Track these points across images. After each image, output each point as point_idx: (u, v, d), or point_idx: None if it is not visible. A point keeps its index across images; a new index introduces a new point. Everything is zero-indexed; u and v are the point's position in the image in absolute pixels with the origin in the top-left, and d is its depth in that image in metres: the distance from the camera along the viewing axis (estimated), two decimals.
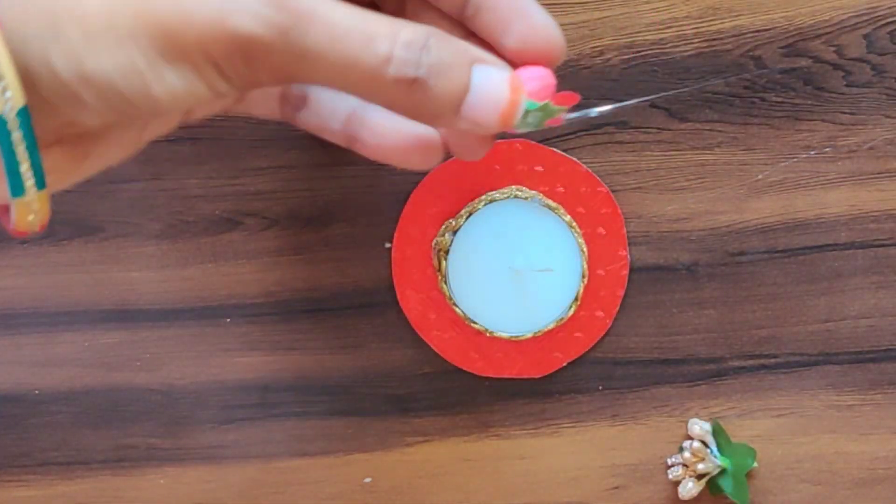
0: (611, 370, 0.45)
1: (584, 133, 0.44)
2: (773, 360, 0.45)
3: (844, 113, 0.44)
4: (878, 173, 0.44)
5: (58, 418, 0.45)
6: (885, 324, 0.44)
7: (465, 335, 0.43)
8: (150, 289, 0.45)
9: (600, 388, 0.45)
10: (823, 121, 0.44)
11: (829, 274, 0.44)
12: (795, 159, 0.44)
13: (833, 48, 0.43)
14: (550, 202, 0.41)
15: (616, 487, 0.45)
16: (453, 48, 0.26)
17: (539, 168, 0.43)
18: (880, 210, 0.44)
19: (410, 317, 0.44)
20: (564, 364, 0.44)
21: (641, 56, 0.43)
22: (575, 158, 0.43)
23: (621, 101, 0.43)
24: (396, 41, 0.24)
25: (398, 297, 0.44)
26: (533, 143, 0.43)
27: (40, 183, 0.24)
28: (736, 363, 0.45)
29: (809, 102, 0.44)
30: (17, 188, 0.24)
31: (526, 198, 0.41)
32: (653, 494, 0.45)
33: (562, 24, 0.43)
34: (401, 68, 0.25)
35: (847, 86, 0.43)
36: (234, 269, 0.45)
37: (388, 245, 0.44)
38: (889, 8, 0.43)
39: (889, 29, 0.43)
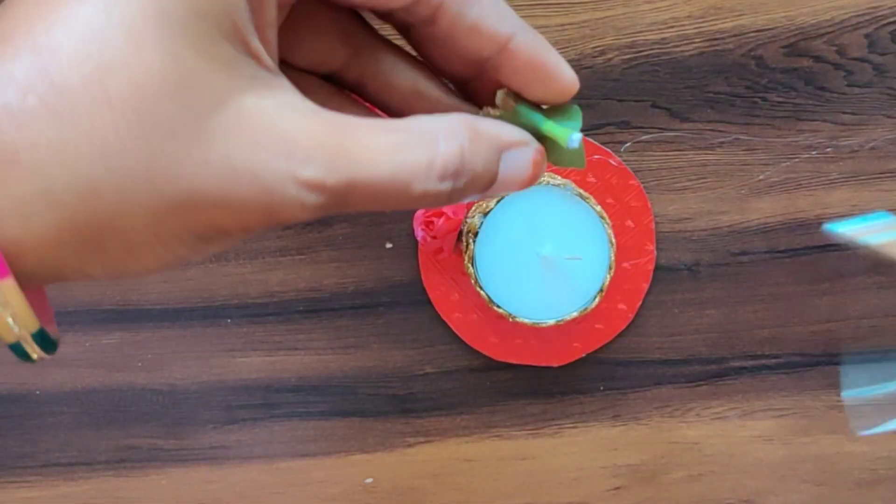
0: (612, 370, 0.45)
1: (585, 133, 0.44)
2: (774, 361, 0.44)
3: (846, 113, 0.44)
4: (880, 173, 0.44)
5: (60, 419, 0.45)
6: (887, 324, 0.44)
7: (487, 318, 0.43)
8: (153, 289, 0.45)
9: (602, 388, 0.45)
10: (825, 121, 0.44)
11: (831, 274, 0.44)
12: (797, 159, 0.44)
13: (834, 48, 0.43)
14: (582, 191, 0.41)
15: (617, 488, 0.45)
16: (485, 152, 0.26)
17: None
18: (882, 210, 0.44)
19: (433, 296, 0.44)
20: (583, 355, 0.44)
21: (643, 56, 0.43)
22: (610, 150, 0.43)
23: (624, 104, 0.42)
24: (431, 174, 0.25)
25: (422, 277, 0.44)
26: None
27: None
28: (737, 363, 0.45)
29: (811, 102, 0.44)
30: (26, 358, 0.24)
31: (558, 185, 0.41)
32: (654, 495, 0.45)
33: (563, 24, 0.43)
34: (434, 200, 0.26)
35: (848, 86, 0.43)
36: (236, 270, 0.45)
37: (389, 245, 0.44)
38: (890, 8, 0.43)
39: (890, 29, 0.43)
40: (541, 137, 0.27)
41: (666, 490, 0.45)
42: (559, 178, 0.42)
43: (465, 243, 0.42)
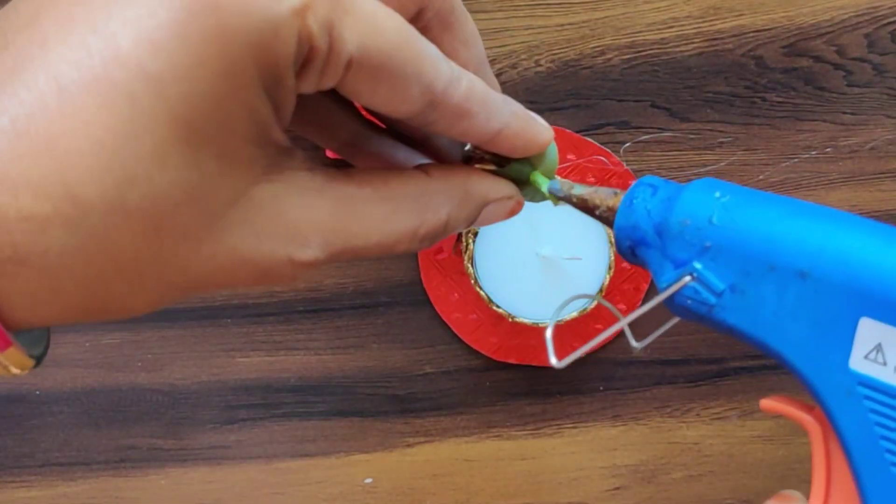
0: (612, 370, 0.45)
1: (585, 133, 0.44)
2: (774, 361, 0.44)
3: (846, 113, 0.44)
4: (880, 173, 0.44)
5: (59, 419, 0.45)
6: None
7: (487, 318, 0.43)
8: None
9: (601, 388, 0.45)
10: (825, 121, 0.44)
11: None
12: (796, 159, 0.44)
13: (834, 48, 0.43)
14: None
15: (617, 488, 0.45)
16: (469, 211, 0.29)
17: (571, 157, 0.43)
18: (881, 210, 0.44)
19: (433, 296, 0.44)
20: (583, 356, 0.44)
21: (642, 56, 0.43)
22: (609, 150, 0.43)
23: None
24: (415, 238, 0.27)
25: (422, 277, 0.44)
26: (567, 131, 0.43)
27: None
28: (737, 363, 0.45)
29: (811, 102, 0.44)
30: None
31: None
32: (654, 495, 0.45)
33: (562, 24, 0.43)
34: (412, 251, 0.28)
35: (848, 86, 0.43)
36: None
37: None
38: (890, 8, 0.43)
39: (890, 29, 0.43)
40: (518, 180, 0.30)
41: (665, 490, 0.45)
42: (559, 178, 0.42)
43: (464, 243, 0.42)
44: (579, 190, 0.30)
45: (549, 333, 0.28)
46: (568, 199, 0.30)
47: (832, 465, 0.28)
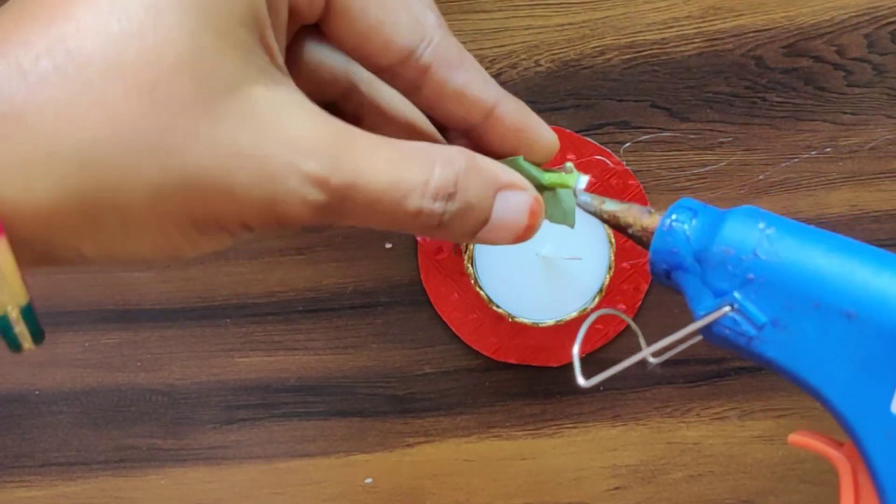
0: None
1: (585, 133, 0.44)
2: None
3: (846, 113, 0.44)
4: (880, 173, 0.44)
5: (59, 419, 0.45)
6: None
7: (487, 318, 0.43)
8: (152, 289, 0.45)
9: (601, 388, 0.45)
10: (825, 121, 0.44)
11: None
12: (796, 159, 0.44)
13: (834, 48, 0.43)
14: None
15: (617, 488, 0.45)
16: (480, 183, 0.27)
17: (571, 157, 0.43)
18: (881, 210, 0.44)
19: (433, 296, 0.44)
20: (583, 355, 0.44)
21: (642, 56, 0.43)
22: (609, 150, 0.43)
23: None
24: (426, 193, 0.25)
25: (422, 277, 0.44)
26: (567, 131, 0.43)
27: (37, 339, 0.24)
28: (737, 363, 0.45)
29: (811, 102, 0.44)
30: (15, 347, 0.23)
31: None
32: (654, 495, 0.45)
33: (562, 24, 0.43)
34: (427, 220, 0.26)
35: (848, 86, 0.43)
36: (236, 269, 0.45)
37: (388, 245, 0.44)
38: (890, 8, 0.43)
39: (890, 29, 0.43)
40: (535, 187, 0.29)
41: (665, 490, 0.45)
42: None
43: (464, 243, 0.42)
44: (611, 206, 0.30)
45: (576, 350, 0.27)
46: (598, 215, 0.30)
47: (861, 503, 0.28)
